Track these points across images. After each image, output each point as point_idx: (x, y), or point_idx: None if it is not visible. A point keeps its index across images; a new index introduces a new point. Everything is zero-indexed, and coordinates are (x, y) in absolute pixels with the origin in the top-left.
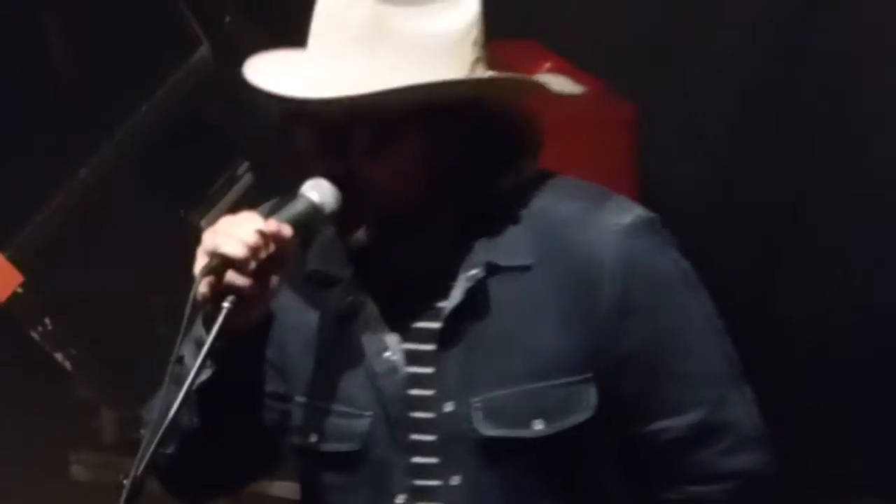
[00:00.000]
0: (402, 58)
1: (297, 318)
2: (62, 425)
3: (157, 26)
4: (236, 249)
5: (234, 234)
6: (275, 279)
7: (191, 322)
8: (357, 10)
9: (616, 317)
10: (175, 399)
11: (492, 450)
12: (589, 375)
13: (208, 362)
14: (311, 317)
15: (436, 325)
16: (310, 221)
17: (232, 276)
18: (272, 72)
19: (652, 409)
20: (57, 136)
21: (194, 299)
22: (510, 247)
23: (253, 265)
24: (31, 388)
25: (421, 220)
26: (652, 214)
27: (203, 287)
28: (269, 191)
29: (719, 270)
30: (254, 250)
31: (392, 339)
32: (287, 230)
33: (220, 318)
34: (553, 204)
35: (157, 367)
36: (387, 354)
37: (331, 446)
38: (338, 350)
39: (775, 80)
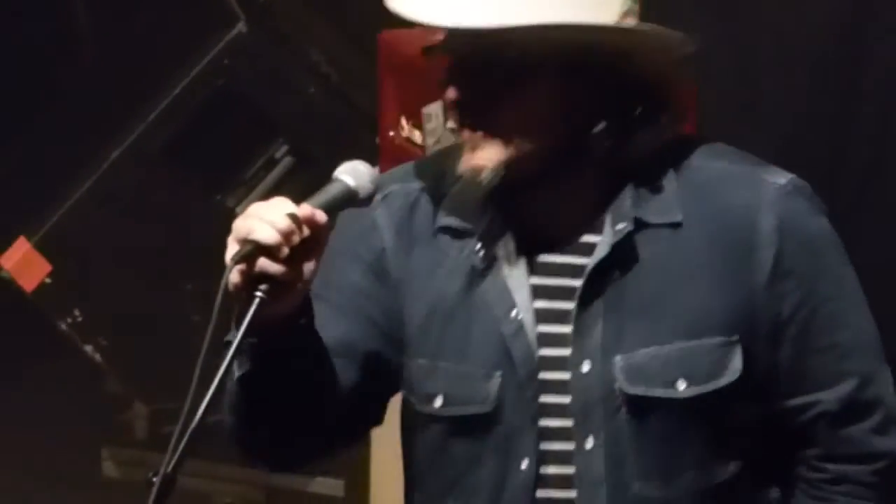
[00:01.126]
0: None
1: (426, 279)
2: (93, 420)
3: (192, 2)
4: (268, 235)
5: (266, 219)
6: (309, 265)
7: (222, 312)
8: None
9: (772, 278)
10: (203, 398)
11: (633, 410)
12: (736, 338)
13: (244, 358)
14: (436, 280)
15: (576, 282)
16: (345, 206)
17: (264, 263)
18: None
19: (802, 380)
20: (87, 117)
21: (226, 288)
22: (659, 203)
23: (286, 251)
24: (61, 382)
25: (559, 169)
26: (804, 182)
27: (235, 276)
28: (309, 174)
29: None
30: (286, 236)
31: (522, 296)
32: (321, 215)
33: (253, 308)
34: (703, 162)
35: (190, 359)
36: (513, 313)
37: (459, 409)
38: (465, 307)
39: (844, 59)
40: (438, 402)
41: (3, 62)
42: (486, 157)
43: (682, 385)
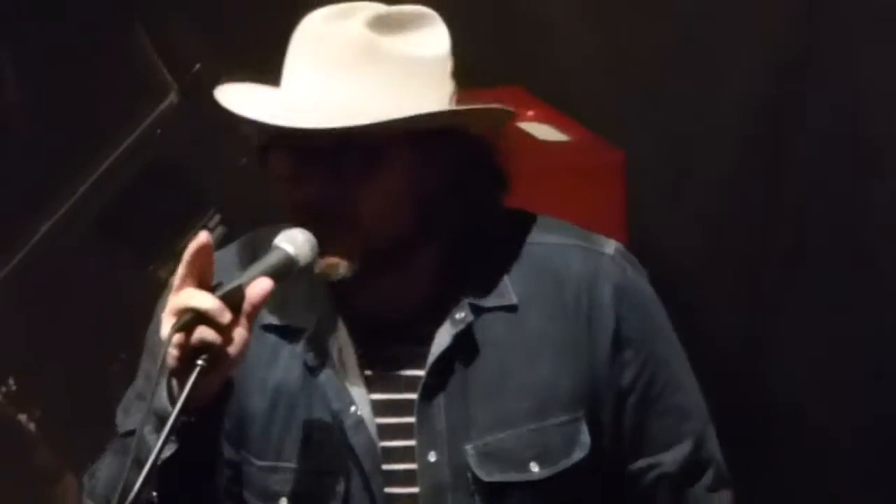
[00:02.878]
0: (391, 82)
1: (260, 377)
2: (22, 494)
3: (123, 72)
4: (206, 301)
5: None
6: (243, 335)
7: (160, 386)
8: (344, 34)
9: (613, 348)
10: (137, 477)
11: (487, 497)
12: (581, 413)
13: (172, 437)
14: (273, 374)
15: (416, 371)
16: (284, 274)
17: (203, 331)
18: (251, 98)
19: (644, 443)
20: (17, 188)
21: (164, 362)
22: (494, 286)
23: (227, 317)
24: None
25: (405, 255)
26: (625, 248)
27: (173, 348)
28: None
29: (710, 320)
30: (220, 314)
31: (358, 390)
32: (267, 282)
33: (192, 378)
34: (533, 239)
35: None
36: (353, 409)
37: None
38: (304, 406)
39: (770, 128)
40: (283, 503)
41: None
42: (343, 251)
43: (535, 467)
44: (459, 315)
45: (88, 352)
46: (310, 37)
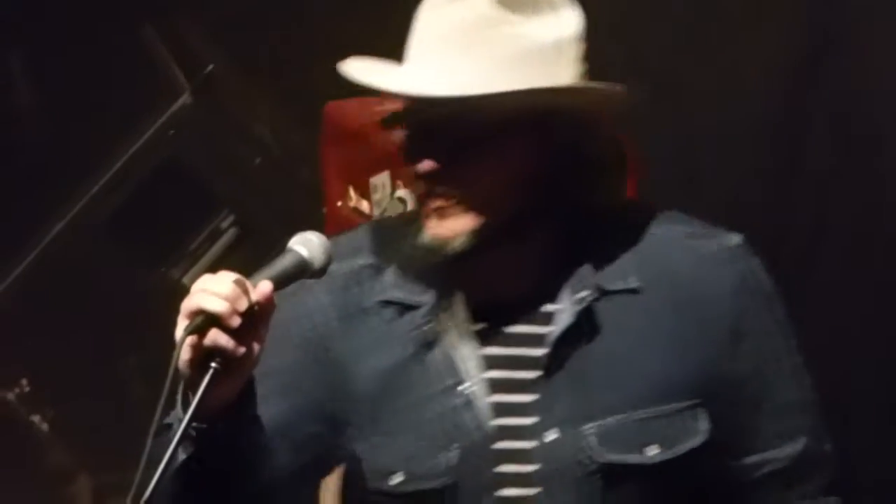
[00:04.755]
0: (516, 60)
1: (372, 355)
2: (36, 494)
3: (137, 73)
4: (217, 304)
5: (212, 290)
6: (257, 341)
7: (172, 390)
8: (472, 11)
9: (732, 338)
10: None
11: (604, 477)
12: (700, 400)
13: (187, 443)
14: (389, 349)
15: (535, 351)
16: (297, 277)
17: (215, 335)
18: (378, 70)
19: (757, 438)
20: (31, 188)
21: (177, 365)
22: (617, 269)
23: (237, 321)
24: (5, 453)
25: (517, 236)
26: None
27: (186, 351)
28: (254, 245)
29: None
30: (234, 302)
31: (472, 367)
32: (268, 286)
33: (205, 382)
34: (658, 228)
35: (135, 432)
36: (464, 386)
37: (419, 484)
38: (416, 381)
39: (784, 129)
40: (397, 478)
41: None
42: (454, 226)
43: (653, 450)
44: (582, 294)
45: (101, 352)
46: (435, 12)
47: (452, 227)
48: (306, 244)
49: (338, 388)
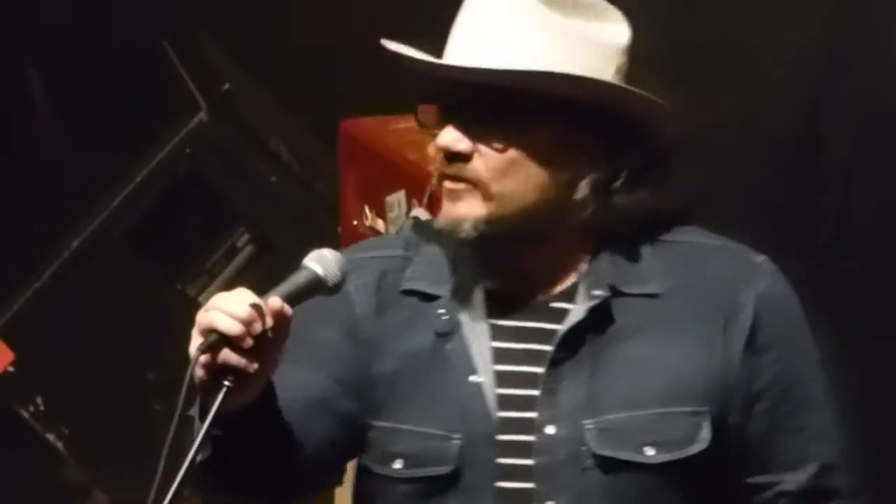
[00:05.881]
0: (573, 50)
1: (392, 341)
2: None
3: (155, 90)
4: (231, 325)
5: (228, 309)
6: (272, 357)
7: (186, 406)
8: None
9: (748, 351)
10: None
11: (603, 470)
12: (706, 409)
13: (205, 445)
14: (408, 337)
15: (545, 347)
16: (312, 294)
17: (227, 355)
18: (416, 51)
19: (767, 459)
20: (48, 204)
21: (191, 382)
22: (636, 274)
23: (250, 342)
24: (21, 471)
25: (537, 232)
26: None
27: (199, 369)
28: (271, 262)
29: None
30: (249, 325)
31: (484, 359)
32: (285, 307)
33: (219, 399)
34: (681, 237)
35: (152, 448)
36: (472, 377)
37: (419, 471)
38: (430, 370)
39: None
40: (398, 463)
41: None
42: (468, 209)
43: (650, 451)
44: (597, 292)
45: (117, 370)
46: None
47: (463, 211)
48: (321, 261)
49: (365, 368)
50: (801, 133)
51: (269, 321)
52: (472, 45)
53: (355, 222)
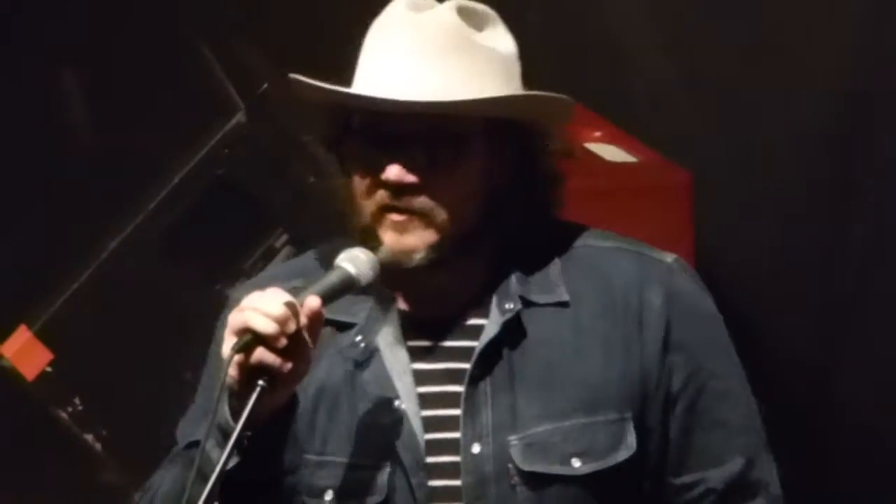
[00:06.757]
0: (482, 71)
1: (309, 375)
2: None
3: (192, 92)
4: (265, 325)
5: (262, 309)
6: (306, 356)
7: (220, 405)
8: (439, 21)
9: (661, 351)
10: (200, 491)
11: (531, 487)
12: (629, 414)
13: (235, 451)
14: (320, 367)
15: (464, 364)
16: (344, 293)
17: (261, 354)
18: (336, 85)
19: (690, 457)
20: (87, 206)
21: (224, 381)
22: (544, 283)
23: (284, 341)
24: (58, 472)
25: (466, 249)
26: (687, 263)
27: (233, 368)
28: None
29: (776, 341)
30: (283, 324)
31: (405, 383)
32: (317, 302)
33: (253, 398)
34: (588, 243)
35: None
36: (396, 402)
37: (348, 503)
38: (349, 399)
39: (842, 150)
40: (329, 495)
41: (3, 151)
42: (418, 240)
43: (577, 462)
44: (508, 305)
45: (154, 371)
46: (398, 23)
47: (412, 241)
48: (354, 261)
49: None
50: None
51: (304, 320)
52: (401, 75)
53: None
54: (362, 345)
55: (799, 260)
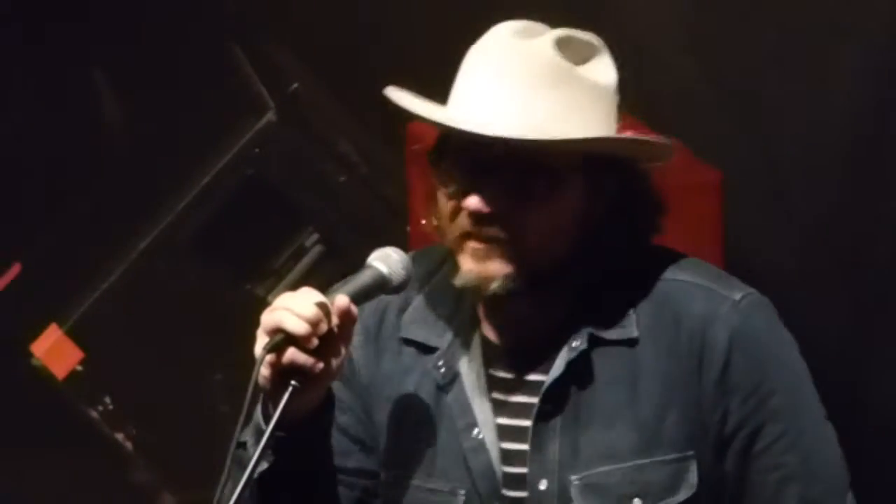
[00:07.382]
0: (581, 105)
1: (391, 389)
2: None
3: (223, 91)
4: (297, 325)
5: (294, 309)
6: (337, 357)
7: (252, 405)
8: (537, 55)
9: (718, 392)
10: (234, 490)
11: None
12: (691, 453)
13: (268, 451)
14: (406, 387)
15: (534, 399)
16: (376, 292)
17: (293, 354)
18: (437, 108)
19: (744, 499)
20: (118, 205)
21: (256, 381)
22: (619, 318)
23: (315, 342)
24: (88, 470)
25: (556, 281)
26: (763, 297)
27: (265, 368)
28: (339, 263)
29: (806, 343)
30: (315, 325)
31: (484, 413)
32: (346, 301)
33: (284, 399)
34: (666, 275)
35: (219, 448)
36: (475, 432)
37: None
38: (431, 422)
39: (871, 149)
40: None
41: (34, 152)
42: (497, 268)
43: (637, 502)
44: (575, 343)
45: (185, 370)
46: (502, 49)
47: (491, 269)
48: (386, 260)
49: (366, 413)
50: (874, 132)
51: (336, 320)
52: (497, 107)
53: (424, 222)
54: (443, 369)
55: (827, 259)
